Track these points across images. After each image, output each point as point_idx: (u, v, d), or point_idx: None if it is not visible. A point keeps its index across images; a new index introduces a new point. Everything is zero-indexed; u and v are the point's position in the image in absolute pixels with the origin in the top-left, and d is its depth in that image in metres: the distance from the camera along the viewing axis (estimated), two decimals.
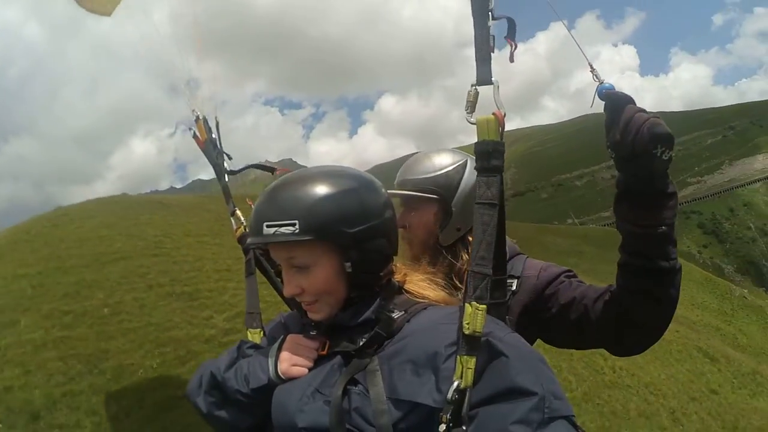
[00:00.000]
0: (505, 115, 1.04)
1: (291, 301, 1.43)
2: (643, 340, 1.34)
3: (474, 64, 1.07)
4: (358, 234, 1.06)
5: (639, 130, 1.06)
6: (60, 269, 7.23)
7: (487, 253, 1.02)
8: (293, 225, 1.03)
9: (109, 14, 2.40)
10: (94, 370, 5.09)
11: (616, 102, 1.11)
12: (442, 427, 0.91)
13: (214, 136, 2.02)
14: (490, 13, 1.06)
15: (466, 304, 0.99)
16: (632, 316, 1.27)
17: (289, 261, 1.10)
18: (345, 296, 1.12)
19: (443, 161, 1.56)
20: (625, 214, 1.20)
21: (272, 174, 1.36)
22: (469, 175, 1.53)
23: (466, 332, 0.97)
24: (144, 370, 5.29)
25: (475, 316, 0.97)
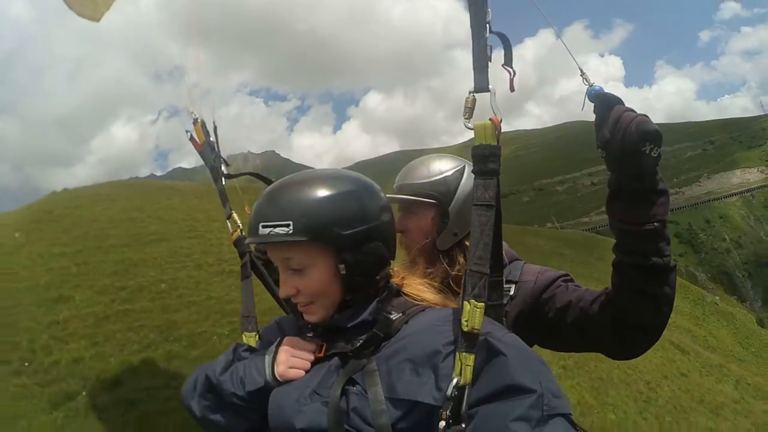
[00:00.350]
0: (501, 120, 1.07)
1: (287, 306, 1.46)
2: (641, 341, 1.34)
3: (471, 73, 1.11)
4: (352, 236, 1.07)
5: (627, 128, 1.09)
6: (100, 248, 7.62)
7: (485, 253, 1.05)
8: (288, 226, 1.05)
9: (98, 20, 2.43)
10: (169, 337, 5.40)
11: (606, 102, 1.14)
12: (442, 424, 0.92)
13: (212, 139, 2.02)
14: (488, 25, 1.09)
15: (465, 302, 1.01)
16: (628, 316, 1.27)
17: (284, 262, 1.11)
18: (340, 298, 1.13)
19: (441, 167, 1.58)
20: (617, 213, 1.22)
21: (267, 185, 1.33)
22: (467, 180, 1.54)
23: (465, 329, 0.98)
24: (217, 337, 5.55)
25: (474, 314, 0.99)
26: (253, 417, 1.14)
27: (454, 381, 0.94)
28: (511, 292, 1.50)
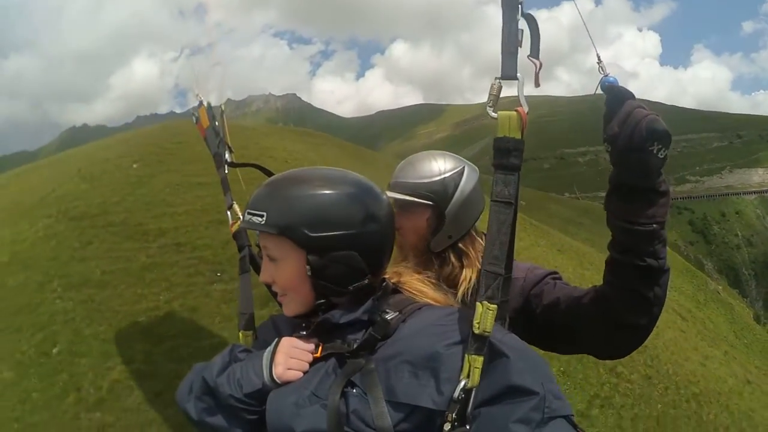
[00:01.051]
0: (528, 112, 1.01)
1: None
2: (629, 341, 1.33)
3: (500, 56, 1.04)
4: (320, 239, 1.06)
5: (638, 124, 1.07)
6: None
7: (501, 253, 1.02)
8: (262, 216, 1.08)
9: None
10: None
11: (618, 96, 1.12)
12: (447, 426, 0.93)
13: (216, 124, 1.93)
14: (519, 6, 1.02)
15: (477, 303, 0.99)
16: (618, 315, 1.26)
17: (264, 250, 1.14)
18: (311, 299, 1.12)
19: (440, 167, 1.54)
20: (616, 210, 1.19)
21: (268, 177, 1.37)
22: (466, 183, 1.53)
23: (476, 331, 0.97)
24: None
25: (486, 316, 0.97)
26: (250, 419, 1.13)
27: (462, 383, 0.94)
28: None
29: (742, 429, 7.65)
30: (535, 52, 1.04)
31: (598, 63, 1.13)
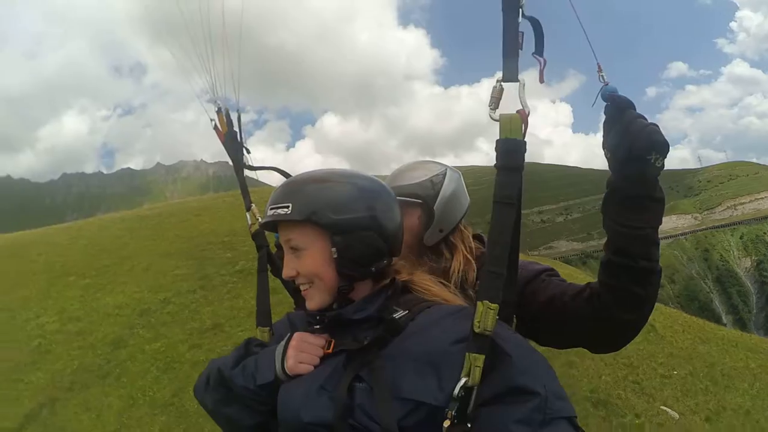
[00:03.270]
0: (529, 113, 1.03)
1: (297, 298, 1.54)
2: (620, 336, 1.36)
3: (500, 62, 1.05)
4: (344, 221, 1.11)
5: (638, 135, 1.08)
6: None
7: (503, 253, 1.02)
8: (287, 207, 1.13)
9: None
10: None
11: (618, 105, 1.13)
12: (447, 423, 0.92)
13: (235, 129, 1.99)
14: (520, 9, 1.04)
15: (478, 303, 0.99)
16: (611, 313, 1.28)
17: (287, 243, 1.18)
18: (336, 284, 1.15)
19: (426, 171, 1.69)
20: (612, 214, 1.22)
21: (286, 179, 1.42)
22: (449, 182, 1.67)
23: (477, 330, 0.97)
24: None
25: (487, 315, 0.97)
26: (263, 410, 1.17)
27: (462, 381, 0.94)
28: None
29: None
30: (539, 50, 1.09)
31: (598, 73, 1.15)
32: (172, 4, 1.84)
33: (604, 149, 1.16)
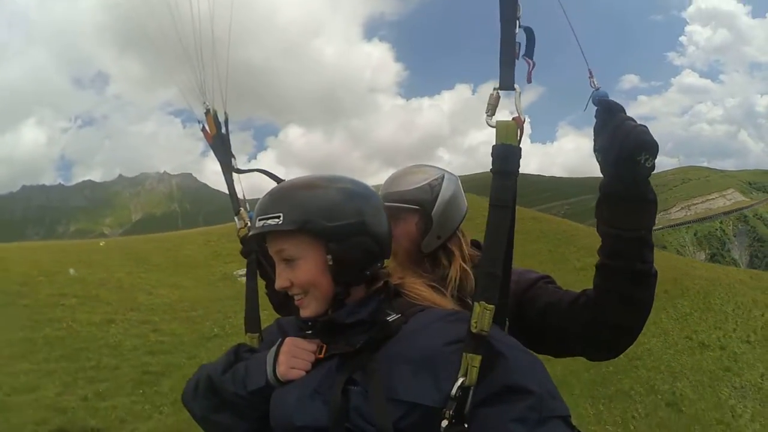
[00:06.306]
0: (524, 120, 1.05)
1: (286, 308, 1.54)
2: (618, 342, 1.35)
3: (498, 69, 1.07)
4: (338, 228, 1.10)
5: (627, 136, 1.10)
6: None
7: (498, 255, 1.03)
8: (278, 217, 1.11)
9: None
10: None
11: (608, 108, 1.15)
12: (444, 423, 0.93)
13: (223, 131, 1.96)
14: (518, 20, 1.07)
15: (475, 303, 1.00)
16: (607, 318, 1.28)
17: (279, 254, 1.16)
18: (331, 292, 1.14)
19: (423, 175, 1.64)
20: (605, 217, 1.22)
21: (277, 183, 1.48)
22: (447, 187, 1.63)
23: (474, 330, 0.98)
24: None
25: (483, 316, 0.98)
26: (254, 417, 1.16)
27: (459, 381, 0.94)
28: None
29: None
30: (529, 53, 1.12)
31: (589, 78, 1.16)
32: (152, 15, 1.84)
33: (595, 152, 1.17)
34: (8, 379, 7.18)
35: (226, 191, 1.86)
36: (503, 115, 1.08)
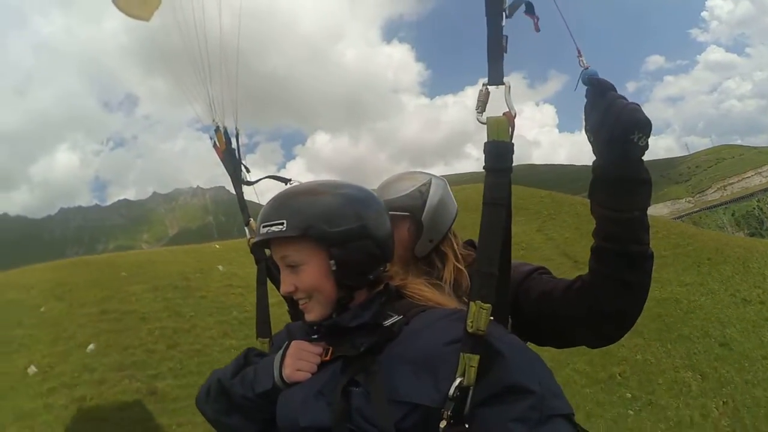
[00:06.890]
0: (515, 116, 1.03)
1: (295, 313, 1.58)
2: (615, 328, 1.34)
3: (486, 65, 1.05)
4: (340, 233, 1.11)
5: (619, 115, 1.08)
6: None
7: (493, 253, 1.02)
8: (282, 224, 1.12)
9: (147, 19, 2.25)
10: None
11: (599, 88, 1.13)
12: (443, 423, 0.93)
13: (233, 146, 2.03)
14: (504, 13, 1.04)
15: (471, 303, 0.99)
16: (605, 302, 1.26)
17: (283, 260, 1.18)
18: (335, 296, 1.16)
19: (411, 183, 1.68)
20: (599, 199, 1.20)
21: (285, 184, 1.52)
22: (435, 192, 1.66)
23: (470, 330, 0.97)
24: None
25: (479, 315, 0.98)
26: (262, 419, 1.19)
27: (457, 381, 0.95)
28: None
29: None
30: (530, 10, 1.10)
31: (578, 57, 1.14)
32: (168, 35, 1.88)
33: (586, 132, 1.15)
34: None
35: (258, 201, 1.84)
36: (520, 111, 1.06)
